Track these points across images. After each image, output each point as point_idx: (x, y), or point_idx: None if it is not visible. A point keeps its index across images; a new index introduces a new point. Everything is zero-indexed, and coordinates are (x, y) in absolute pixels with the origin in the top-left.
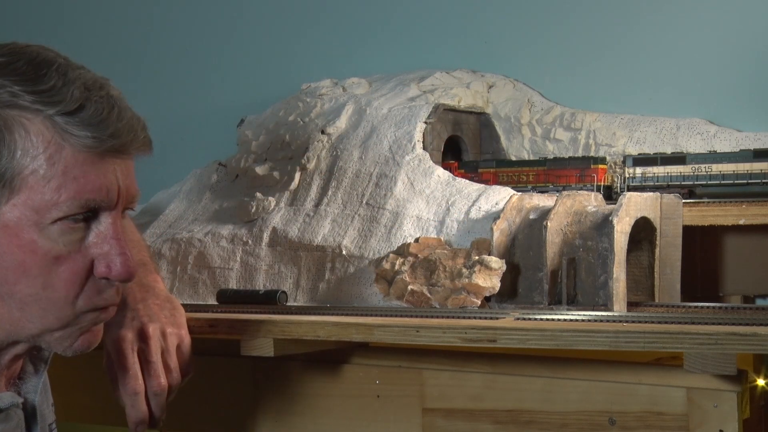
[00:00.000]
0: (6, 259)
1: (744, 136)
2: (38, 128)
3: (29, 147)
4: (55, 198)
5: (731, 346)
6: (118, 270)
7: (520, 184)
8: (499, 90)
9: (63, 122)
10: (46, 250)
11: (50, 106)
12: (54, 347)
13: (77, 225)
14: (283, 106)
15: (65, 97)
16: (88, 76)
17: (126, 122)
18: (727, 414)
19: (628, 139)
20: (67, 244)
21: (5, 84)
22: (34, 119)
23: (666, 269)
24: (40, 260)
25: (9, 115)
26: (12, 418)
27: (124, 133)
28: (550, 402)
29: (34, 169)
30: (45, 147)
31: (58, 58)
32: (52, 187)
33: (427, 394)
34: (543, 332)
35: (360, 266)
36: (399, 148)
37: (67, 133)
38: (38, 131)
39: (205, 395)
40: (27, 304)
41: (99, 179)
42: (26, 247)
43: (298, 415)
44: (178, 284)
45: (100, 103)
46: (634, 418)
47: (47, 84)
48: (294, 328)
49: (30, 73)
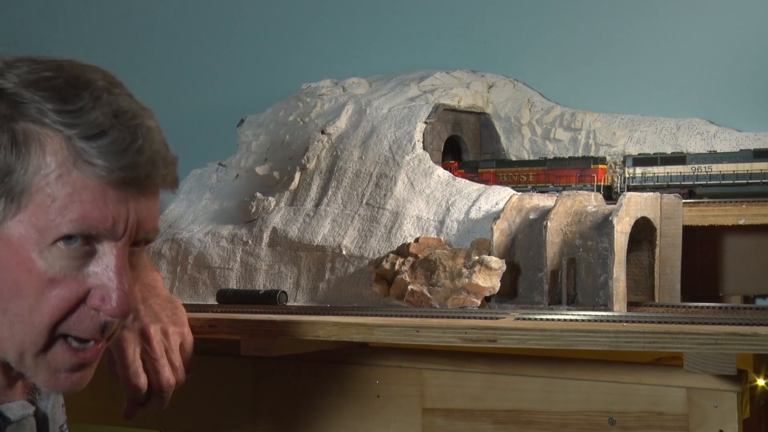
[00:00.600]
0: (3, 275)
1: (744, 136)
2: (55, 148)
3: (42, 165)
4: (58, 219)
5: (731, 346)
6: (111, 305)
7: (520, 184)
8: (499, 90)
9: (80, 146)
10: (42, 271)
11: (70, 128)
12: (35, 378)
13: (77, 250)
14: (283, 106)
15: (88, 121)
16: (125, 103)
17: (147, 156)
18: (727, 414)
19: (628, 139)
20: (64, 269)
21: (37, 100)
22: (53, 138)
23: (666, 269)
24: (35, 281)
25: (30, 131)
26: (24, 427)
27: (142, 167)
28: (550, 402)
29: (42, 187)
30: (57, 167)
31: (99, 81)
32: (56, 208)
33: (427, 394)
34: (543, 332)
35: (360, 266)
36: (399, 148)
37: (81, 158)
38: (54, 150)
39: (205, 395)
40: (13, 324)
41: (106, 208)
42: (23, 265)
43: (298, 415)
44: (178, 284)
45: (124, 133)
46: (634, 418)
47: (76, 105)
48: (294, 328)
49: (64, 92)
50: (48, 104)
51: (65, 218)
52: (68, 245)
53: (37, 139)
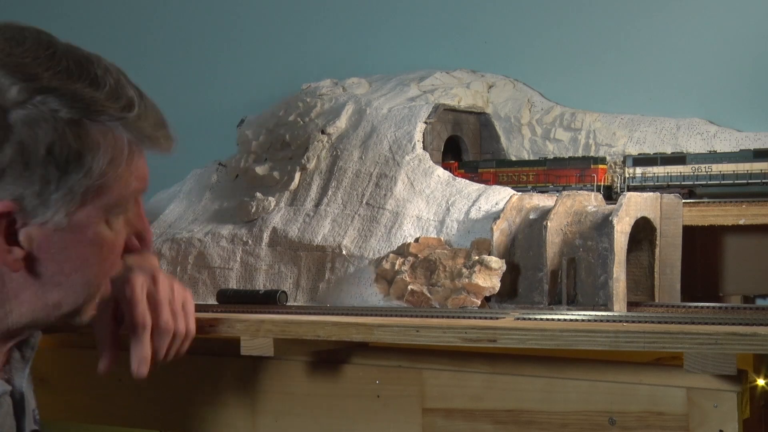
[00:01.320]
0: (68, 253)
1: (744, 136)
2: (115, 137)
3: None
4: (125, 194)
5: (731, 346)
6: (147, 244)
7: (520, 184)
8: (499, 90)
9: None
10: (109, 240)
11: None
12: (81, 319)
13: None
14: (283, 106)
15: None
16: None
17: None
18: (727, 414)
19: (628, 139)
20: (118, 230)
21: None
22: (112, 127)
23: (666, 269)
24: (101, 250)
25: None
26: (2, 406)
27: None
28: (550, 402)
29: (111, 174)
30: (120, 153)
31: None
32: (122, 186)
33: (427, 394)
34: (543, 332)
35: (360, 266)
36: (399, 148)
37: (132, 133)
38: (115, 141)
39: (205, 395)
40: (72, 288)
41: (145, 168)
42: (91, 240)
43: (298, 415)
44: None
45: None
46: (634, 418)
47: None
48: (294, 328)
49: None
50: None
51: (128, 191)
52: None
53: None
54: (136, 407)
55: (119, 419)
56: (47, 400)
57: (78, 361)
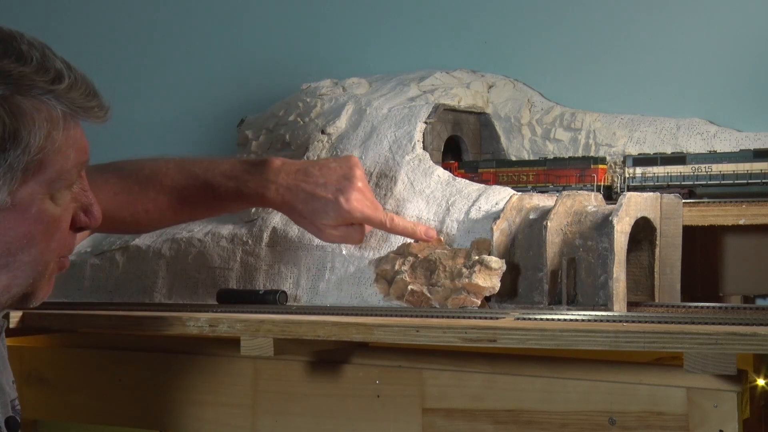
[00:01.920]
0: (12, 233)
1: (744, 136)
2: (49, 110)
3: (42, 131)
4: (66, 167)
5: (731, 346)
6: (95, 219)
7: (520, 184)
8: (499, 90)
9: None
10: (55, 216)
11: (49, 84)
12: (35, 300)
13: (71, 185)
14: (283, 106)
15: (51, 69)
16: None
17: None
18: (727, 414)
19: (628, 139)
20: (63, 205)
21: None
22: (44, 100)
23: (666, 269)
24: (45, 227)
25: (23, 104)
26: None
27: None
28: (550, 402)
29: (49, 148)
30: (56, 125)
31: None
32: (61, 159)
33: (427, 394)
34: (543, 332)
35: (360, 266)
36: (399, 148)
37: (65, 105)
38: (49, 114)
39: (205, 395)
40: (19, 268)
41: (84, 140)
42: (35, 218)
43: (298, 415)
44: (178, 284)
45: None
46: (634, 418)
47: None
48: (294, 328)
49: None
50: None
51: (69, 164)
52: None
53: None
54: (136, 407)
55: (119, 419)
56: (47, 400)
57: (78, 361)
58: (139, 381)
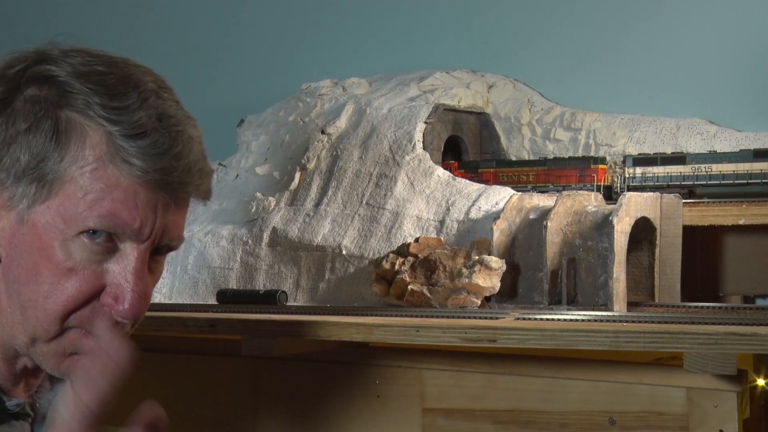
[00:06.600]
0: (24, 259)
1: (744, 136)
2: (95, 141)
3: (80, 157)
4: (86, 212)
5: (731, 346)
6: (124, 306)
7: (520, 184)
8: (499, 90)
9: (120, 143)
10: (62, 260)
11: (114, 124)
12: (44, 363)
13: (100, 245)
14: (283, 106)
15: (131, 120)
16: (171, 108)
17: (184, 163)
18: (727, 414)
19: (628, 139)
20: (83, 261)
21: (85, 91)
22: (95, 131)
23: (666, 269)
24: (53, 268)
25: (74, 121)
26: (17, 428)
27: (177, 173)
28: (550, 402)
29: (76, 178)
30: (94, 160)
31: (149, 83)
32: (86, 201)
33: (427, 394)
34: (543, 332)
35: (360, 266)
36: (399, 148)
37: (118, 155)
38: (94, 144)
39: (205, 395)
40: (26, 309)
41: (135, 209)
42: (44, 251)
43: (298, 415)
44: (178, 284)
45: (164, 137)
46: (634, 418)
47: (122, 102)
48: (294, 328)
49: (113, 88)
50: (95, 98)
51: (93, 212)
52: (92, 239)
53: (79, 129)
54: (136, 407)
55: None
56: None
57: None
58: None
